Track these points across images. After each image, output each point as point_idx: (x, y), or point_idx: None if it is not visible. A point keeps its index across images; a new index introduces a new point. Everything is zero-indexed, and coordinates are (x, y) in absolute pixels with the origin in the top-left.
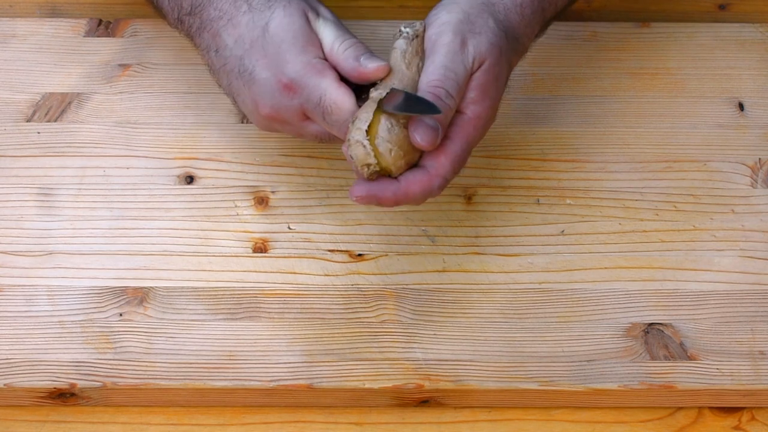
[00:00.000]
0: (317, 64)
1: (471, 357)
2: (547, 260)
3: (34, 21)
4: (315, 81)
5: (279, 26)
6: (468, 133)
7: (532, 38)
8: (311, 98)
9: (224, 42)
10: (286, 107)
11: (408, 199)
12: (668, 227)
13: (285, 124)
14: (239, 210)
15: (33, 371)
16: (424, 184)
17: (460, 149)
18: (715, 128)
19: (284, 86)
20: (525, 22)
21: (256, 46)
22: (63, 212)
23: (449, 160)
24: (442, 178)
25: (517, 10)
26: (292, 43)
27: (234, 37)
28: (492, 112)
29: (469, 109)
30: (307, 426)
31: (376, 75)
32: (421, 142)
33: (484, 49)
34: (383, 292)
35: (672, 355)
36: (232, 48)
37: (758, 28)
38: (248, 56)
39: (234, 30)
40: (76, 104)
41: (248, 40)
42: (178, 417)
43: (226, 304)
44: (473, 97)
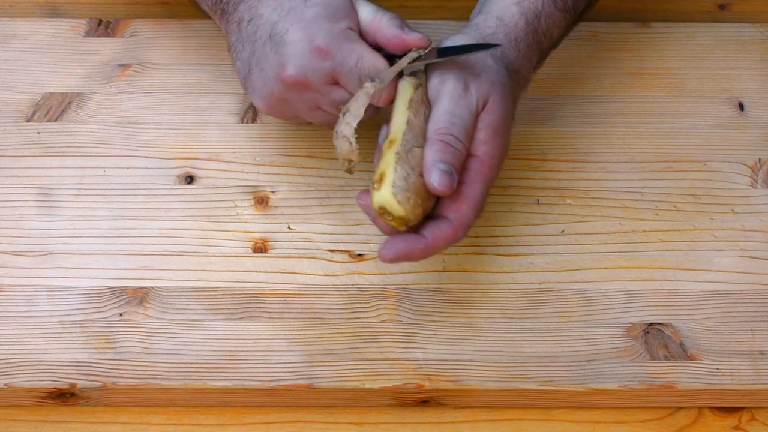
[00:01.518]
0: (350, 33)
1: (471, 357)
2: (547, 260)
3: (34, 21)
4: (350, 45)
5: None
6: (484, 174)
7: (531, 69)
8: (347, 60)
9: (259, 11)
10: (315, 69)
11: (436, 251)
12: (668, 227)
13: (305, 91)
14: (239, 210)
15: (33, 371)
16: (449, 236)
17: (479, 193)
18: (715, 128)
19: (316, 49)
20: (521, 55)
21: (295, 12)
22: (63, 212)
23: (470, 207)
24: (467, 227)
25: (512, 45)
26: (330, 12)
27: (272, 6)
28: (504, 150)
29: (480, 150)
30: (307, 426)
31: (417, 44)
32: (438, 186)
33: (486, 89)
34: (383, 292)
35: (672, 355)
36: (268, 16)
37: (758, 28)
38: (283, 21)
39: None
40: (76, 104)
41: (287, 7)
42: (178, 417)
43: (226, 304)
44: (483, 138)
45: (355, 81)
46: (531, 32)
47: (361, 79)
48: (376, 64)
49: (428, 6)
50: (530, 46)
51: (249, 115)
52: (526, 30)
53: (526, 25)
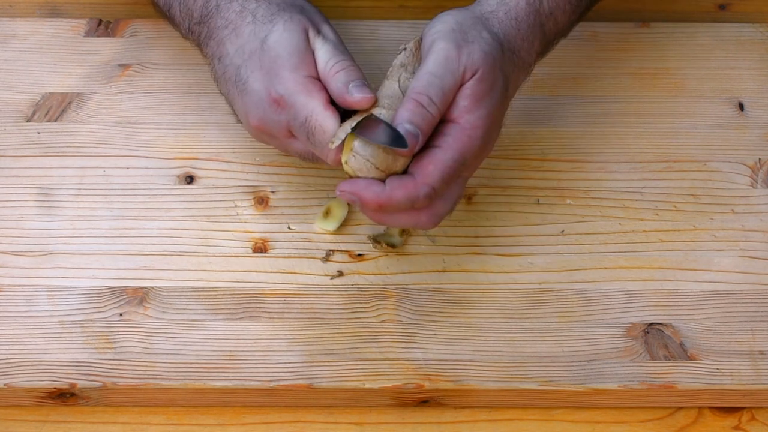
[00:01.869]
0: (308, 83)
1: (471, 357)
2: (547, 260)
3: (34, 21)
4: (303, 100)
5: (277, 41)
6: (462, 142)
7: (533, 54)
8: (298, 117)
9: (227, 50)
10: (273, 121)
11: (391, 203)
12: (668, 227)
13: (272, 138)
14: (239, 210)
15: (33, 371)
16: (409, 189)
17: (450, 158)
18: (715, 128)
19: (274, 101)
20: (521, 35)
21: (254, 58)
22: (63, 212)
23: (437, 168)
24: (429, 186)
25: (512, 23)
26: (287, 59)
27: (236, 47)
28: (488, 123)
29: (463, 118)
30: (307, 426)
31: (360, 105)
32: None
33: (477, 58)
34: (383, 292)
35: (672, 355)
36: (232, 57)
37: (758, 28)
38: (245, 66)
39: (237, 39)
40: (76, 104)
41: (248, 51)
42: (178, 417)
43: (226, 304)
44: (466, 106)
45: (304, 137)
46: (533, 13)
47: (308, 137)
48: (323, 125)
49: (428, 6)
50: (531, 27)
51: None
52: (527, 10)
53: (527, 5)
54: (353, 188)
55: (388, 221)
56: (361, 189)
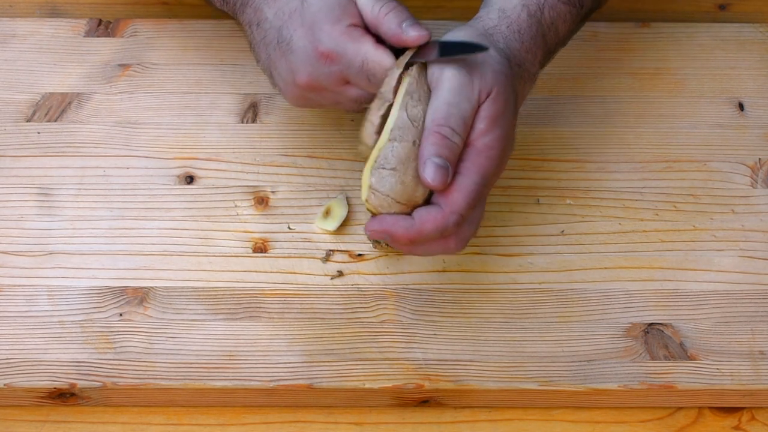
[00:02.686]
0: (353, 31)
1: (471, 357)
2: (547, 260)
3: (34, 21)
4: (353, 47)
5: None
6: (480, 165)
7: (537, 65)
8: (353, 63)
9: (265, 15)
10: (324, 74)
11: (422, 236)
12: (668, 227)
13: (322, 92)
14: (239, 210)
15: (33, 371)
16: (438, 221)
17: (473, 183)
18: (715, 128)
19: (322, 54)
20: (525, 47)
21: (295, 17)
22: (63, 212)
23: (462, 195)
24: (457, 214)
25: (515, 36)
26: (329, 13)
27: (274, 10)
28: (505, 142)
29: (480, 141)
30: (307, 426)
31: (416, 42)
32: (432, 181)
33: (490, 79)
34: (383, 292)
35: (672, 355)
36: (272, 20)
37: (758, 28)
38: (287, 26)
39: (274, 2)
40: (76, 104)
41: (287, 11)
42: (178, 417)
43: (226, 304)
44: (482, 129)
45: (364, 81)
46: (534, 24)
47: (369, 78)
48: (382, 63)
49: (428, 6)
50: (534, 39)
51: (249, 115)
52: (529, 22)
53: (528, 17)
54: (382, 226)
55: (419, 252)
56: (390, 226)
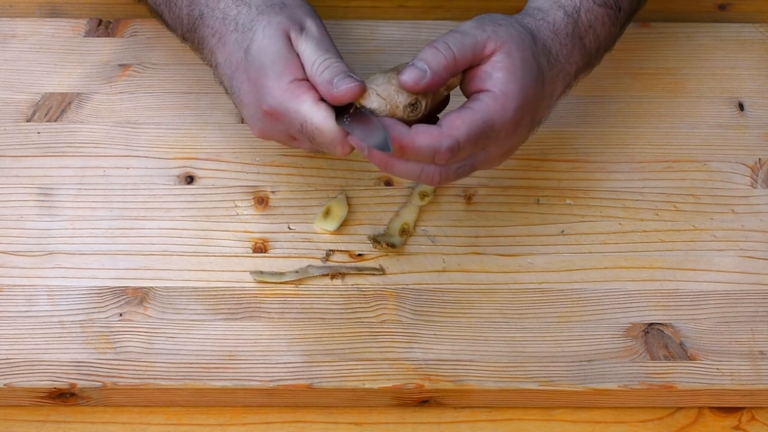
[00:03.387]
0: (294, 88)
1: (471, 357)
2: (547, 260)
3: (34, 21)
4: (294, 107)
5: (258, 49)
6: (493, 108)
7: (573, 65)
8: (293, 125)
9: (218, 60)
10: (273, 131)
11: (413, 146)
12: (668, 227)
13: (279, 141)
14: (239, 210)
15: (33, 371)
16: (433, 137)
17: (480, 119)
18: (715, 128)
19: (266, 113)
20: (559, 41)
21: (240, 69)
22: (63, 212)
23: (465, 124)
24: (453, 138)
25: (549, 27)
26: (271, 68)
27: (224, 56)
28: (522, 100)
29: (497, 87)
30: (307, 426)
31: (347, 98)
32: (404, 78)
33: (503, 34)
34: (383, 292)
35: (672, 355)
36: (223, 67)
37: (758, 28)
38: (235, 78)
39: (224, 49)
40: (76, 104)
41: (234, 62)
42: (178, 417)
43: (226, 304)
44: (500, 78)
45: (306, 142)
46: (571, 23)
47: (310, 140)
48: (319, 126)
49: (428, 6)
50: (570, 36)
51: None
52: (566, 21)
53: (565, 16)
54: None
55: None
56: (386, 126)
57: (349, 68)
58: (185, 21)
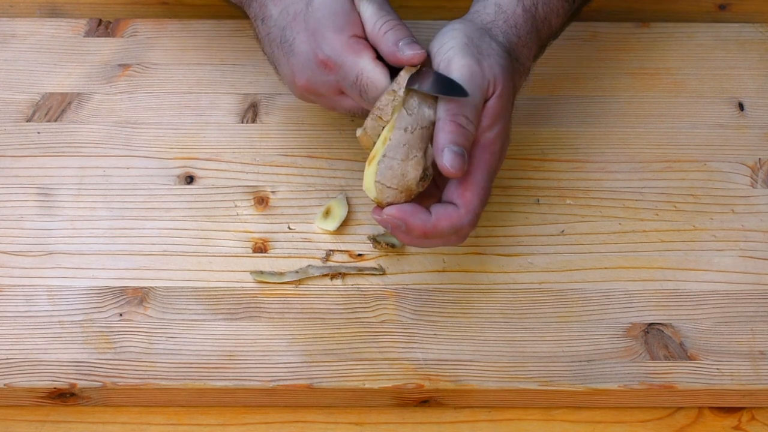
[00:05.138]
0: (354, 43)
1: (471, 357)
2: (547, 260)
3: (34, 21)
4: (352, 59)
5: (321, 2)
6: (487, 161)
7: (531, 59)
8: (348, 76)
9: (270, 12)
10: (322, 81)
11: (436, 233)
12: (668, 227)
13: (320, 96)
14: (239, 210)
15: (33, 371)
16: (454, 220)
17: (483, 180)
18: (715, 128)
19: (321, 62)
20: (522, 42)
21: (299, 19)
22: (63, 212)
23: (476, 194)
24: (473, 213)
25: (513, 31)
26: (332, 21)
27: (279, 8)
28: (504, 136)
29: (484, 136)
30: (307, 426)
31: (412, 61)
32: (451, 168)
33: (497, 72)
34: (383, 292)
35: (672, 355)
36: (276, 18)
37: (758, 28)
38: (290, 28)
39: (280, 1)
40: (76, 104)
41: (292, 12)
42: (178, 417)
43: (226, 304)
44: (487, 124)
45: (357, 95)
46: (529, 19)
47: (361, 94)
48: (375, 81)
49: (428, 6)
50: (529, 34)
51: (249, 115)
52: (524, 17)
53: (524, 12)
54: (401, 215)
55: (424, 245)
56: (408, 216)
57: (412, 33)
58: None
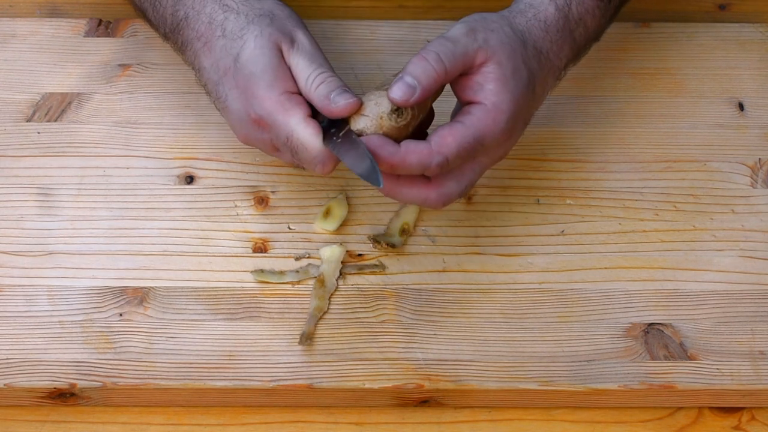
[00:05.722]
0: (285, 101)
1: (471, 357)
2: (547, 260)
3: (34, 21)
4: (282, 119)
5: (249, 58)
6: (484, 122)
7: (563, 59)
8: (279, 136)
9: (202, 64)
10: (257, 139)
11: (403, 165)
12: (668, 227)
13: (261, 150)
14: (239, 210)
15: (33, 371)
16: (423, 155)
17: (470, 135)
18: (715, 128)
19: (254, 121)
20: (549, 38)
21: (228, 76)
22: (63, 212)
23: (454, 140)
24: (443, 156)
25: (540, 26)
26: (261, 78)
27: (210, 61)
28: (514, 110)
29: (489, 100)
30: (307, 426)
31: (345, 113)
32: (393, 95)
33: (494, 44)
34: (383, 292)
35: (672, 355)
36: (209, 71)
37: (758, 28)
38: (222, 84)
39: (210, 54)
40: (76, 104)
41: (222, 68)
42: (178, 417)
43: (226, 304)
44: (492, 89)
45: (288, 155)
46: (562, 18)
47: (292, 154)
48: (305, 142)
49: (428, 6)
50: (561, 32)
51: None
52: (556, 16)
53: (556, 11)
54: (369, 143)
55: (398, 194)
56: (376, 146)
57: (344, 83)
58: (169, 21)
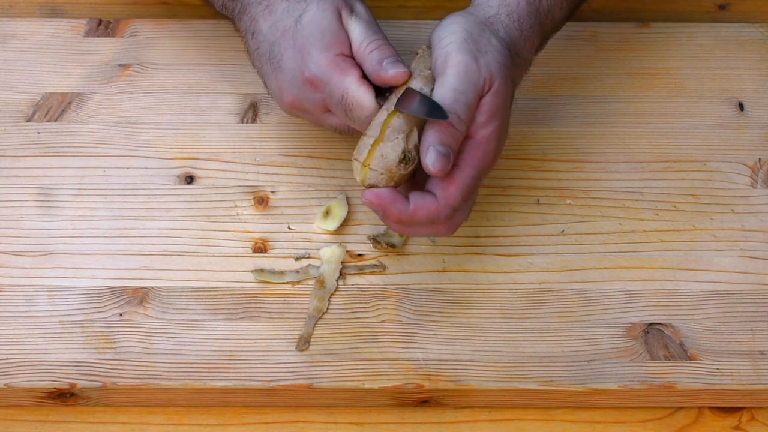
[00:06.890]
0: (340, 61)
1: (471, 357)
2: (547, 260)
3: (34, 21)
4: (337, 78)
5: (310, 20)
6: (478, 158)
7: (533, 52)
8: (333, 95)
9: (260, 27)
10: (308, 99)
11: (412, 221)
12: (668, 227)
13: (307, 113)
14: (239, 210)
15: (33, 371)
16: (432, 211)
17: (470, 177)
18: (715, 128)
19: (307, 80)
20: (524, 36)
21: (287, 36)
22: (63, 212)
23: (459, 190)
24: (451, 208)
25: (515, 26)
26: (320, 39)
27: (269, 23)
28: (501, 134)
29: (478, 133)
30: (307, 426)
31: (395, 80)
32: (433, 169)
33: (494, 69)
34: (383, 292)
35: (672, 355)
36: (266, 33)
37: (758, 28)
38: (279, 44)
39: (270, 16)
40: (76, 104)
41: (281, 28)
42: (178, 417)
43: (226, 304)
44: (482, 121)
45: (342, 114)
46: (533, 12)
47: (346, 113)
48: (360, 100)
49: (428, 6)
50: (532, 27)
51: (249, 115)
52: (528, 10)
53: (527, 5)
54: (379, 200)
55: (409, 232)
56: (386, 203)
57: (397, 53)
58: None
